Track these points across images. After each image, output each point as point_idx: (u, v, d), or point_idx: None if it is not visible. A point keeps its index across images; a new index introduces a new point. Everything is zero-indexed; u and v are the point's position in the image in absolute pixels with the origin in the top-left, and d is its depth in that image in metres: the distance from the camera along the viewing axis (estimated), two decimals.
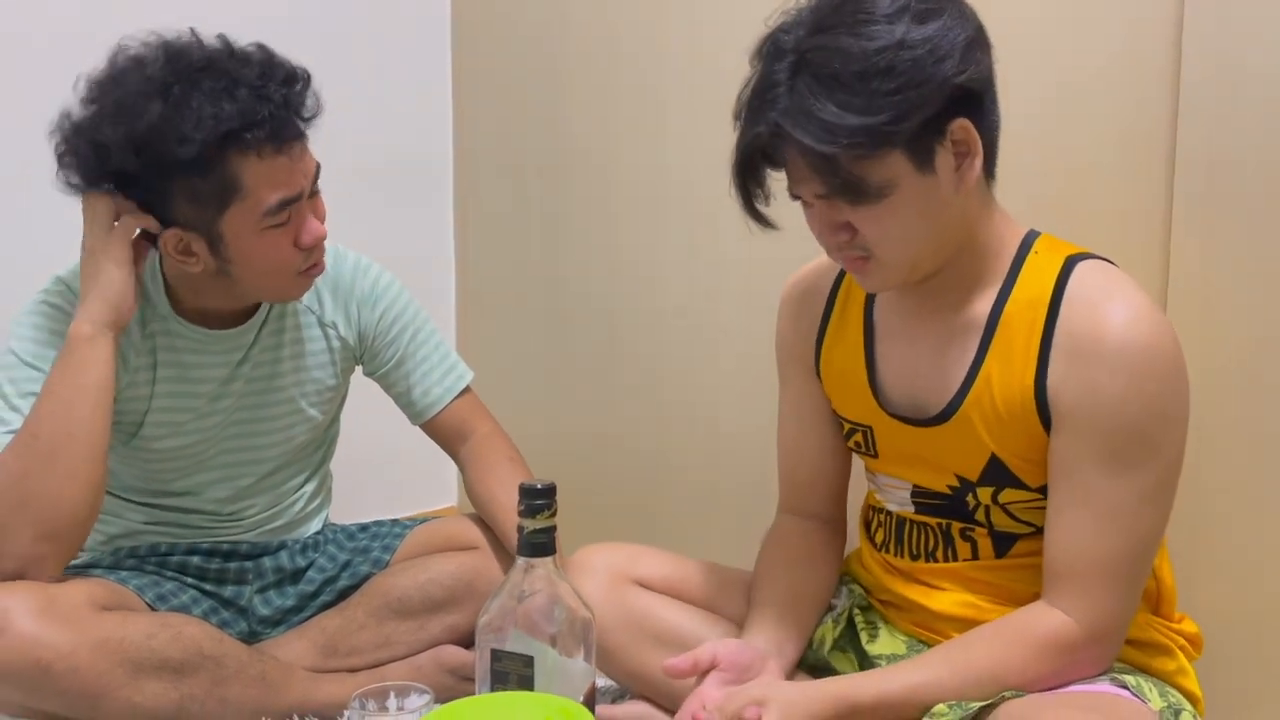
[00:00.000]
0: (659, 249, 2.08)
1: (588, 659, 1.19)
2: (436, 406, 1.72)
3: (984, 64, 1.24)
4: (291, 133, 1.46)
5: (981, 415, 1.30)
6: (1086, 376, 1.23)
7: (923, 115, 1.19)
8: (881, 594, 1.45)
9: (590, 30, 2.14)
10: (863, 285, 1.35)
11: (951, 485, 1.35)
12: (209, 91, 1.40)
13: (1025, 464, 1.30)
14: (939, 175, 1.23)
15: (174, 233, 1.47)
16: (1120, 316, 1.23)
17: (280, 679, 1.55)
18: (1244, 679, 1.50)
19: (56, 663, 1.35)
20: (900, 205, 1.23)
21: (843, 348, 1.44)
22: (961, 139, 1.23)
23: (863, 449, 1.44)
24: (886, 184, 1.21)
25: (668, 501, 2.12)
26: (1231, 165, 1.47)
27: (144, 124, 1.39)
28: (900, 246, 1.26)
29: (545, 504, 1.16)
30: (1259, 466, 1.48)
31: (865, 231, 1.25)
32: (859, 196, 1.22)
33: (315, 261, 1.54)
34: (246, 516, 1.69)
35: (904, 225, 1.24)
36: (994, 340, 1.30)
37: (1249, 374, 1.48)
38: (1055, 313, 1.26)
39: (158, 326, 1.57)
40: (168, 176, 1.43)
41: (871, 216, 1.23)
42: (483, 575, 1.63)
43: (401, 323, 1.71)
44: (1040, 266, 1.30)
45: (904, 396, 1.38)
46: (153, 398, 1.57)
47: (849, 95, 1.18)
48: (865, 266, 1.28)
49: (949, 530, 1.38)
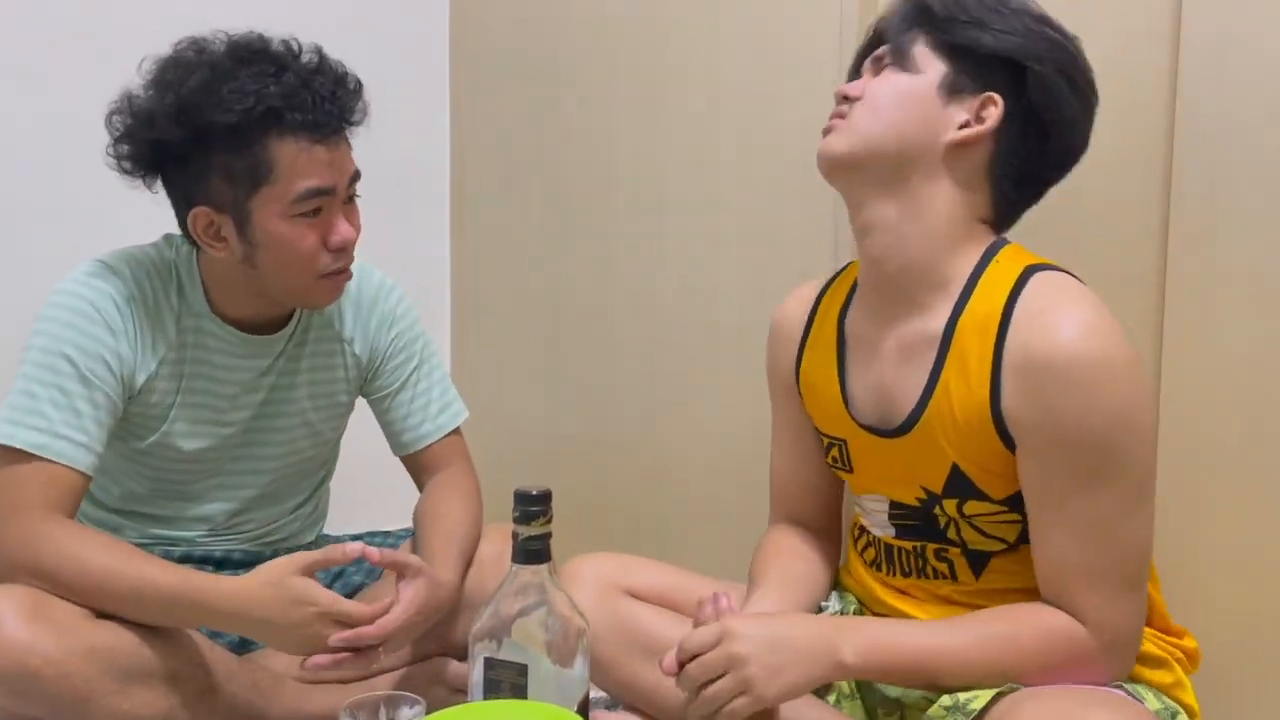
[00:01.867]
0: (656, 257, 2.08)
1: (582, 668, 1.18)
2: (421, 443, 1.73)
3: (1055, 89, 1.31)
4: (332, 126, 1.47)
5: (941, 427, 1.30)
6: (1040, 397, 1.22)
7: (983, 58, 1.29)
8: (876, 606, 1.45)
9: (588, 39, 2.15)
10: (821, 149, 1.36)
11: (919, 498, 1.35)
12: (257, 72, 1.43)
13: (987, 475, 1.29)
14: (945, 110, 1.30)
15: (204, 211, 1.47)
16: (1067, 332, 1.21)
17: (271, 689, 1.54)
18: (1241, 692, 1.50)
19: (46, 669, 1.33)
20: (900, 84, 1.31)
21: (818, 363, 1.45)
22: (987, 113, 1.30)
23: (839, 464, 1.45)
24: (915, 60, 1.31)
25: (665, 509, 2.11)
26: (1228, 176, 1.47)
27: (187, 89, 1.42)
28: (871, 114, 1.31)
29: (540, 511, 1.15)
30: (1256, 479, 1.48)
31: (870, 85, 1.33)
32: (898, 59, 1.32)
33: (342, 266, 1.53)
34: (243, 532, 1.69)
35: (888, 98, 1.31)
36: (949, 353, 1.29)
37: (1245, 385, 1.48)
38: (1006, 327, 1.25)
39: (190, 323, 1.57)
40: (206, 148, 1.44)
41: (885, 76, 1.32)
42: (475, 586, 1.62)
43: (410, 351, 1.72)
44: (997, 277, 1.29)
45: (871, 408, 1.38)
46: (180, 392, 1.57)
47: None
48: (838, 124, 1.34)
49: (924, 552, 1.38)
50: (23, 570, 1.40)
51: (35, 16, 1.97)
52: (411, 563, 1.48)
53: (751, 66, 1.89)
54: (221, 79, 1.42)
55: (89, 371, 1.47)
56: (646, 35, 2.06)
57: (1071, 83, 1.31)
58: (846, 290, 1.46)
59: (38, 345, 1.48)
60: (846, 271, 1.49)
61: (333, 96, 1.47)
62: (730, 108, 1.96)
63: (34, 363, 1.47)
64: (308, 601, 1.40)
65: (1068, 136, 1.33)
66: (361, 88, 1.53)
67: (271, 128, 1.43)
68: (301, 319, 1.64)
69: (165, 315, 1.55)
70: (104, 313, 1.49)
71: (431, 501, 1.68)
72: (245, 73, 1.43)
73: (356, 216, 1.55)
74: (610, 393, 2.17)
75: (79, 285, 1.50)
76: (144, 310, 1.53)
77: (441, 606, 1.50)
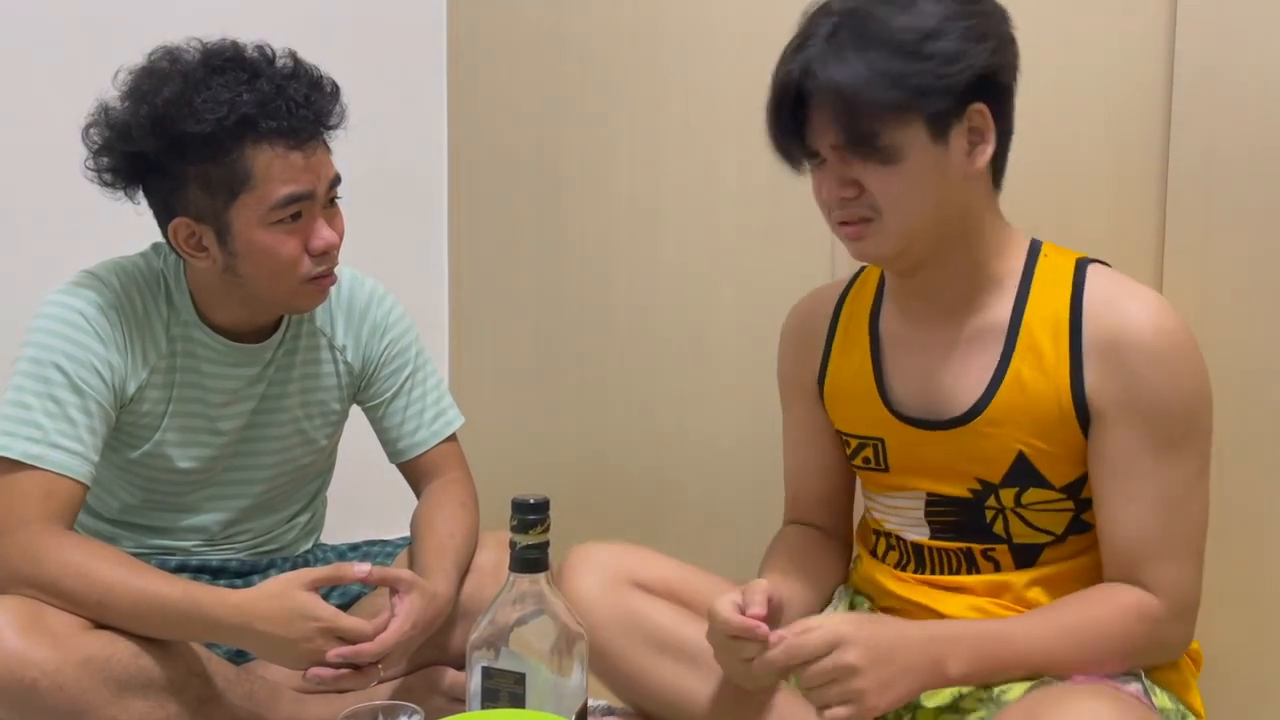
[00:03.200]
0: (654, 262, 2.08)
1: (580, 676, 1.17)
2: (417, 450, 1.72)
3: (1013, 61, 1.30)
4: (307, 131, 1.46)
5: (1012, 416, 1.32)
6: (1125, 374, 1.27)
7: (951, 90, 1.24)
8: (886, 600, 1.44)
9: (586, 42, 2.15)
10: (855, 252, 1.35)
11: (972, 489, 1.36)
12: (230, 80, 1.43)
13: (1053, 462, 1.32)
14: (951, 152, 1.27)
15: (184, 221, 1.47)
16: (1146, 312, 1.28)
17: (268, 699, 1.53)
18: (1245, 694, 1.49)
19: (42, 680, 1.33)
20: (910, 170, 1.26)
21: (849, 364, 1.45)
22: (979, 125, 1.28)
23: (873, 464, 1.44)
24: (900, 147, 1.25)
25: (662, 516, 2.11)
26: (1223, 173, 1.47)
27: (161, 100, 1.41)
28: (903, 211, 1.28)
29: (538, 519, 1.15)
30: (1256, 475, 1.48)
31: (873, 189, 1.28)
32: (872, 152, 1.25)
33: (326, 271, 1.53)
34: (239, 542, 1.68)
35: (910, 190, 1.27)
36: (1019, 343, 1.32)
37: (1243, 383, 1.48)
38: (1079, 315, 1.30)
39: (179, 332, 1.56)
40: (181, 159, 1.43)
41: (881, 175, 1.27)
42: (473, 595, 1.61)
43: (404, 359, 1.71)
44: (1052, 270, 1.33)
45: (918, 402, 1.38)
46: (171, 401, 1.56)
47: (884, 56, 1.22)
48: (865, 230, 1.30)
49: (971, 554, 1.38)
50: (23, 582, 1.39)
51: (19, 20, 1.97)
52: (404, 577, 1.48)
53: (749, 71, 1.88)
54: (194, 89, 1.42)
55: (80, 380, 1.47)
56: (645, 40, 2.06)
57: (1000, 35, 1.29)
58: (873, 292, 1.47)
59: (28, 356, 1.47)
60: (865, 274, 1.50)
61: (307, 101, 1.46)
62: (728, 113, 1.96)
63: (25, 373, 1.47)
64: (311, 616, 1.39)
65: (1016, 71, 1.33)
66: (338, 91, 1.52)
67: (246, 136, 1.42)
68: (290, 326, 1.64)
69: (155, 324, 1.54)
70: (94, 322, 1.49)
71: (425, 511, 1.67)
72: (218, 81, 1.42)
73: (339, 220, 1.54)
74: (608, 399, 2.17)
75: (68, 296, 1.50)
76: (133, 320, 1.53)
77: (436, 619, 1.50)
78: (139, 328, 1.53)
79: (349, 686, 1.44)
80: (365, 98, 1.55)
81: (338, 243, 1.52)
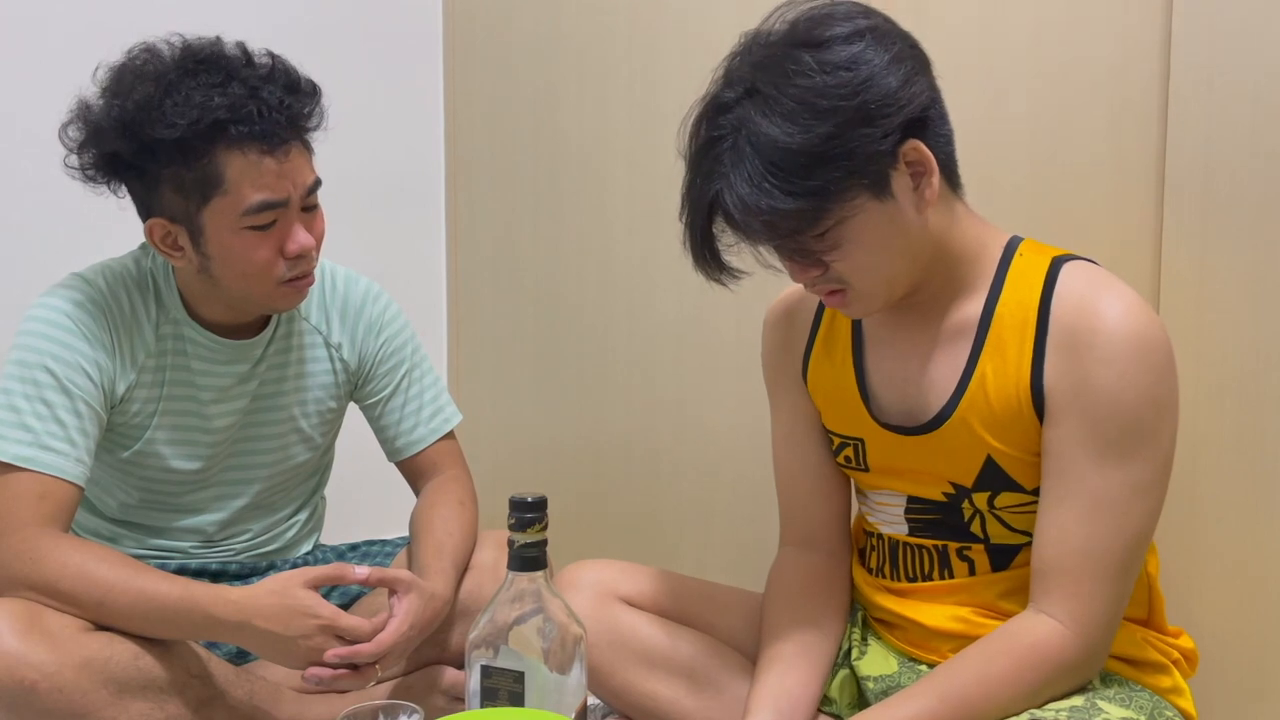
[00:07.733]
0: (652, 259, 2.08)
1: (579, 675, 1.17)
2: (415, 448, 1.73)
3: (921, 85, 1.24)
4: (281, 136, 1.44)
5: (978, 416, 1.30)
6: (1081, 367, 1.23)
7: (869, 155, 1.20)
8: (875, 611, 1.44)
9: (583, 44, 2.15)
10: (846, 315, 1.35)
11: (946, 493, 1.35)
12: (203, 83, 1.41)
13: (1021, 464, 1.29)
14: (899, 199, 1.24)
15: (160, 222, 1.47)
16: (1114, 309, 1.24)
17: (268, 699, 1.53)
18: (1239, 696, 1.49)
19: (41, 682, 1.33)
20: (865, 236, 1.24)
21: (831, 361, 1.44)
22: (915, 159, 1.24)
23: (853, 464, 1.43)
24: (845, 226, 1.22)
25: (660, 514, 2.11)
26: (1221, 172, 1.47)
27: (132, 103, 1.40)
28: (873, 274, 1.27)
29: (536, 518, 1.15)
30: (1253, 475, 1.48)
31: (837, 267, 1.26)
32: (820, 243, 1.23)
33: (302, 273, 1.52)
34: (238, 541, 1.68)
35: (873, 254, 1.25)
36: (987, 341, 1.30)
37: (1241, 382, 1.48)
38: (1047, 309, 1.27)
39: (169, 330, 1.57)
40: (154, 161, 1.43)
41: (839, 254, 1.25)
42: (473, 594, 1.62)
43: (400, 356, 1.71)
44: (1027, 268, 1.30)
45: (896, 406, 1.37)
46: (161, 399, 1.57)
47: (788, 172, 1.18)
48: (844, 298, 1.29)
49: (945, 552, 1.37)
50: (22, 584, 1.39)
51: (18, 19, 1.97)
52: (402, 578, 1.48)
53: None
54: (166, 91, 1.40)
55: (69, 382, 1.47)
56: (642, 39, 2.06)
57: (915, 57, 1.25)
58: None
59: (16, 359, 1.48)
60: None
61: (281, 105, 1.44)
62: None
63: (14, 377, 1.47)
64: (310, 614, 1.40)
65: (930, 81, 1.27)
66: (318, 92, 1.49)
67: (218, 140, 1.41)
68: (281, 323, 1.64)
69: (143, 324, 1.54)
70: (80, 324, 1.49)
71: (424, 510, 1.67)
72: (190, 84, 1.41)
73: (319, 223, 1.53)
74: (606, 397, 2.17)
75: (55, 299, 1.50)
76: (121, 320, 1.53)
77: (434, 619, 1.50)
78: (127, 328, 1.53)
79: (347, 687, 1.44)
80: (363, 98, 1.54)
81: (314, 246, 1.51)
